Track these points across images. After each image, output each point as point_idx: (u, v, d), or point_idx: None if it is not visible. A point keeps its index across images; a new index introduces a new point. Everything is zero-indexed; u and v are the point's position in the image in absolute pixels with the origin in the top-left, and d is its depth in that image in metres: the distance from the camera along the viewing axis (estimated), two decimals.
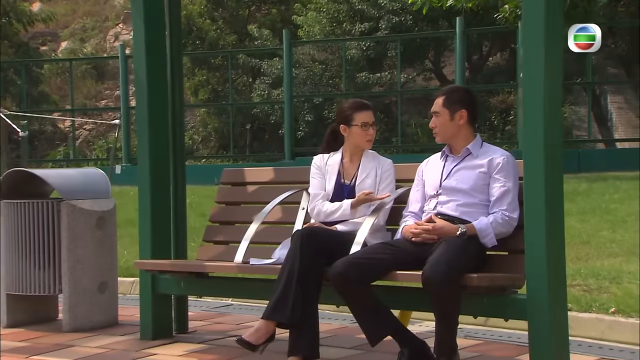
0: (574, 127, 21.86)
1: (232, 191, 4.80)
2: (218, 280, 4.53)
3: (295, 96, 18.45)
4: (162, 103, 4.68)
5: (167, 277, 4.54)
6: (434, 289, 3.35)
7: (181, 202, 4.76)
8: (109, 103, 25.81)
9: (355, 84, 19.58)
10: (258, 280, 4.25)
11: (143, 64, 4.61)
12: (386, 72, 20.07)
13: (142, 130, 4.65)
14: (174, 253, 4.70)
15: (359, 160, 4.15)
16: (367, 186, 4.06)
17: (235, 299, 5.85)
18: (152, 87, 4.62)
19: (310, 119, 19.63)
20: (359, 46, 20.02)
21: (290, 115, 17.51)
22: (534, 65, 3.37)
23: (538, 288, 3.37)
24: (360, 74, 19.74)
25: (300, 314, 3.63)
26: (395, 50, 18.94)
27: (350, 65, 19.26)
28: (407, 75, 20.50)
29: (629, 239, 7.02)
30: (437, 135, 3.84)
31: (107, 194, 5.14)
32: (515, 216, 3.64)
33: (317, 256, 3.69)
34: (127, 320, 5.15)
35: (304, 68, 20.22)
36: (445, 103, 3.79)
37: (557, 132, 3.42)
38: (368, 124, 4.12)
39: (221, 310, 5.59)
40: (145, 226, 4.61)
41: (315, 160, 4.23)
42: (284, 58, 17.84)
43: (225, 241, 4.68)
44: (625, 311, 4.59)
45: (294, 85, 18.41)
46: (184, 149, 4.82)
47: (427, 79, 21.85)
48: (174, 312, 4.73)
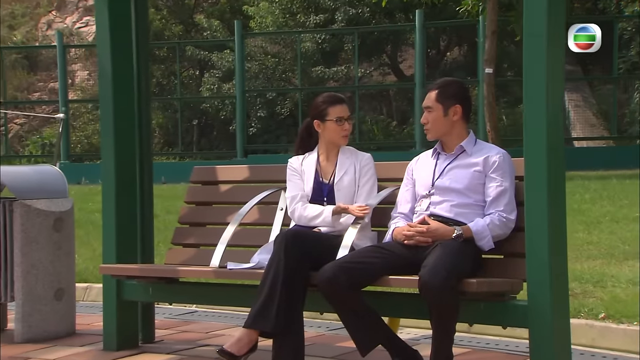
0: None
1: (202, 190, 4.68)
2: (190, 286, 4.40)
3: (247, 91, 18.29)
4: (128, 96, 4.53)
5: (133, 283, 4.40)
6: (432, 295, 3.28)
7: (148, 202, 4.62)
8: (43, 96, 25.20)
9: (310, 79, 19.51)
10: (234, 286, 4.15)
11: (108, 54, 4.46)
12: (342, 67, 20.05)
13: (106, 126, 4.50)
14: (141, 257, 4.56)
15: (335, 158, 4.08)
16: (346, 184, 4.00)
17: (200, 306, 5.72)
18: (117, 79, 4.48)
19: (263, 114, 19.50)
20: (314, 39, 19.96)
21: (242, 111, 17.36)
22: (535, 59, 3.33)
23: (540, 294, 3.33)
24: (316, 68, 19.67)
25: (285, 322, 3.53)
26: (352, 44, 18.94)
27: (304, 59, 19.17)
28: (363, 70, 20.51)
29: (605, 240, 7.09)
30: (429, 131, 3.77)
31: (64, 194, 4.96)
32: (513, 217, 3.60)
33: (303, 260, 3.60)
34: (85, 329, 4.99)
35: (256, 61, 20.07)
36: (439, 97, 3.73)
37: (559, 129, 3.39)
38: (343, 119, 4.05)
39: (186, 318, 5.46)
40: (109, 228, 4.46)
41: (291, 162, 4.15)
42: (235, 50, 17.69)
43: (196, 244, 4.56)
44: (615, 317, 4.60)
45: (245, 80, 18.26)
46: (151, 145, 4.68)
47: (383, 74, 21.90)
48: (140, 320, 4.58)
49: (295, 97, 19.53)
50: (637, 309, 4.72)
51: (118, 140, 4.47)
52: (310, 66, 19.66)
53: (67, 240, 4.89)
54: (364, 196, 3.96)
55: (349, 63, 20.22)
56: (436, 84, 3.82)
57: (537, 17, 3.32)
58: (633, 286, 5.32)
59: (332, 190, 4.01)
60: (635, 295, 5.08)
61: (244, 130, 17.44)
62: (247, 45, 19.32)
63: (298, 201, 4.04)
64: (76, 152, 20.17)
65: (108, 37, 4.46)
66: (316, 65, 19.84)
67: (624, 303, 4.84)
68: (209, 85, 20.30)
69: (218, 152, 20.46)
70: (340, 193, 3.98)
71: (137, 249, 4.55)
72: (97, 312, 5.71)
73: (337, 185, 4.00)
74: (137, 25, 4.57)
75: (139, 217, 4.55)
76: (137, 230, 4.54)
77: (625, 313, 4.65)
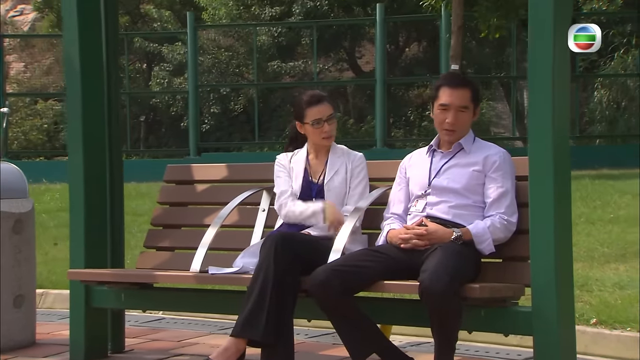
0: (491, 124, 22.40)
1: (177, 190, 4.56)
2: (165, 292, 4.28)
3: (200, 85, 18.10)
4: (97, 89, 4.40)
5: (104, 289, 4.27)
6: (434, 301, 3.22)
7: (118, 202, 4.49)
8: None
9: (265, 74, 19.40)
10: (214, 291, 4.04)
11: (76, 44, 4.32)
12: (299, 62, 19.97)
13: (74, 121, 4.35)
14: (111, 261, 4.42)
15: (326, 156, 4.00)
16: (336, 184, 3.92)
17: (168, 312, 5.59)
18: (86, 70, 4.34)
19: (217, 111, 19.31)
20: (270, 32, 19.85)
21: (195, 107, 17.15)
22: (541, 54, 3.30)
23: (545, 300, 3.29)
24: (272, 63, 19.57)
25: (275, 330, 3.44)
26: (310, 38, 18.87)
27: (259, 53, 19.05)
28: (321, 65, 20.47)
29: (583, 243, 7.12)
30: (454, 133, 3.67)
31: (24, 194, 4.80)
32: (514, 220, 3.55)
33: (293, 264, 3.52)
34: (46, 339, 4.84)
35: (209, 55, 19.88)
36: (474, 97, 3.68)
37: (565, 127, 3.36)
38: (321, 120, 3.96)
39: (154, 325, 5.32)
40: (77, 230, 4.31)
41: (279, 158, 4.07)
42: (188, 43, 17.47)
43: (171, 247, 4.44)
44: (607, 322, 4.60)
45: (197, 74, 18.04)
46: (120, 140, 4.54)
47: (340, 70, 21.88)
48: (110, 328, 4.45)
49: (249, 93, 19.39)
50: (629, 314, 4.74)
51: (87, 136, 4.33)
52: (266, 61, 19.55)
53: (27, 243, 4.73)
54: (355, 198, 3.89)
55: (306, 58, 20.15)
56: (465, 81, 3.71)
57: (544, 10, 3.29)
58: (620, 290, 5.35)
59: (321, 190, 3.93)
60: (624, 300, 5.10)
61: (197, 127, 17.24)
62: (199, 38, 19.12)
63: (287, 197, 3.95)
64: (13, 149, 19.64)
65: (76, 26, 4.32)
66: (272, 59, 19.74)
67: (615, 308, 4.85)
68: (159, 80, 20.06)
69: (167, 149, 20.24)
70: (330, 193, 3.90)
71: (107, 253, 4.41)
72: (56, 320, 5.56)
73: (327, 186, 3.92)
74: (107, 13, 4.44)
75: (109, 219, 4.42)
76: (107, 233, 4.41)
77: (617, 318, 4.66)
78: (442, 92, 3.71)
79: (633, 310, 4.84)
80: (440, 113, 3.71)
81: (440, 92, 3.72)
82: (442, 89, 3.71)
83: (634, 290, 5.34)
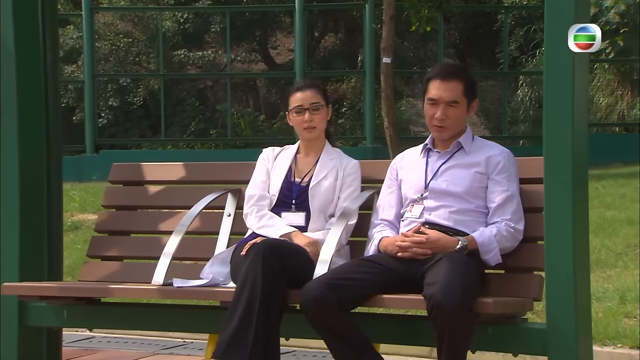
0: (411, 122, 22.58)
1: (125, 192, 4.36)
2: (117, 308, 4.07)
3: (97, 75, 17.62)
4: (36, 80, 4.18)
5: (42, 305, 4.03)
6: (445, 317, 3.13)
7: (56, 207, 4.25)
8: None
9: (170, 64, 19.04)
10: (177, 307, 3.86)
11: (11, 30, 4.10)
12: (209, 51, 19.69)
13: (9, 118, 4.12)
14: (48, 273, 4.18)
15: (316, 156, 3.88)
16: (323, 190, 3.80)
17: (97, 330, 5.36)
18: (21, 59, 4.13)
19: (116, 104, 18.83)
20: (175, 18, 19.50)
21: (92, 99, 16.67)
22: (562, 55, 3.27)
23: (562, 316, 3.24)
24: (177, 52, 19.23)
25: (263, 350, 3.30)
26: (221, 25, 18.62)
27: (163, 40, 18.66)
28: (233, 55, 20.23)
29: None
30: (446, 130, 3.59)
31: None
32: (521, 227, 3.50)
33: (281, 277, 3.38)
34: None
35: (105, 41, 19.37)
36: (466, 91, 3.59)
37: (584, 127, 3.33)
38: (302, 108, 3.85)
39: (85, 345, 5.11)
40: (12, 238, 4.07)
41: (265, 152, 3.95)
42: (83, 27, 16.96)
43: (119, 256, 4.24)
44: (597, 338, 4.64)
45: (95, 62, 17.55)
46: (60, 139, 4.30)
47: (251, 62, 21.67)
48: (45, 349, 4.21)
49: (150, 84, 18.98)
50: (617, 328, 4.79)
51: (23, 134, 4.11)
52: (170, 49, 19.19)
53: None
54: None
55: (215, 47, 19.87)
56: (457, 73, 3.62)
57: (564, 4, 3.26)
58: (597, 302, 5.39)
59: (304, 192, 3.79)
60: (606, 313, 5.15)
61: (94, 121, 16.76)
62: (95, 21, 18.61)
63: (254, 204, 3.81)
64: None
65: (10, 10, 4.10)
66: (177, 48, 19.39)
67: (600, 323, 4.89)
68: None
69: None
70: (315, 199, 3.77)
71: (44, 264, 4.17)
72: None
73: (312, 190, 3.78)
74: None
75: (46, 226, 4.18)
76: (43, 241, 4.17)
77: (606, 334, 4.70)
78: (432, 85, 3.64)
79: (620, 324, 4.90)
80: (430, 108, 3.64)
81: (429, 85, 3.65)
82: (431, 81, 3.65)
83: (613, 302, 5.41)
